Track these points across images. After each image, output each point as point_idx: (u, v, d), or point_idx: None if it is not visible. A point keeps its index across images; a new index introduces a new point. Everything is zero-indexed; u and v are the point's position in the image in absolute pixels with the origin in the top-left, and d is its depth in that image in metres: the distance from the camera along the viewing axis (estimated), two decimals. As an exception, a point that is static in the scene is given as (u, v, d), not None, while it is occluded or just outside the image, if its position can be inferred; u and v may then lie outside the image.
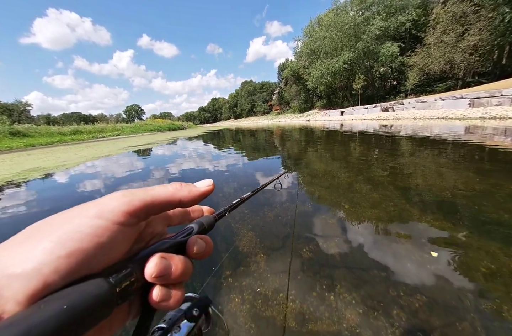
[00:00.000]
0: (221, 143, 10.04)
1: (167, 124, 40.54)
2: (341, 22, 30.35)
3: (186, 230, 0.23)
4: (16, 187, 4.26)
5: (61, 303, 0.13)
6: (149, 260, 0.18)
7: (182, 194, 0.21)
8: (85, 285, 0.14)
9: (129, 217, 0.17)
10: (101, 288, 0.14)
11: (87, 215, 0.16)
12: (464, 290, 1.10)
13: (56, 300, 0.13)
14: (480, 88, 15.76)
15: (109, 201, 0.18)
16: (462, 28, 22.23)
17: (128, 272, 0.16)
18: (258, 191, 0.48)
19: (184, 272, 0.19)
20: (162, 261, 0.18)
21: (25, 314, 0.12)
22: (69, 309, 0.12)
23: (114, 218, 0.17)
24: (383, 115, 20.34)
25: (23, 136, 21.09)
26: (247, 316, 1.07)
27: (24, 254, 0.14)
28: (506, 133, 5.87)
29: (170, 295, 0.18)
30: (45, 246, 0.14)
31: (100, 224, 0.16)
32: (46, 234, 0.15)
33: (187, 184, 0.22)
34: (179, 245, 0.21)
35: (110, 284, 0.15)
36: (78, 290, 0.14)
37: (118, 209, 0.17)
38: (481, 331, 0.90)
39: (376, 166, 3.54)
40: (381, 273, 1.26)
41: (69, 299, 0.13)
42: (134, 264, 0.17)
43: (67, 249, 0.14)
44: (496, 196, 2.08)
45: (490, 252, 1.35)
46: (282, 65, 61.69)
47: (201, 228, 0.24)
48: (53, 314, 0.12)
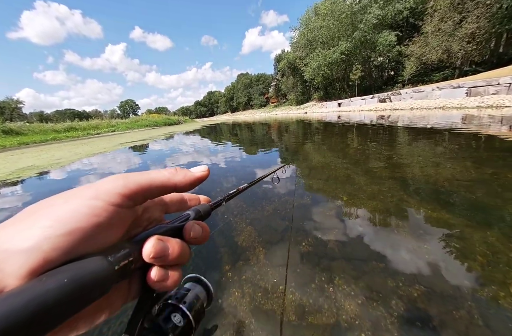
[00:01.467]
0: (219, 138, 9.95)
1: (162, 119, 39.96)
2: (338, 10, 29.58)
3: (183, 216, 0.24)
4: (10, 186, 4.20)
5: (62, 277, 0.13)
6: (147, 241, 0.18)
7: (177, 178, 0.21)
8: (85, 262, 0.14)
9: (125, 199, 0.18)
10: (100, 265, 0.15)
11: (84, 196, 0.17)
12: (462, 279, 1.11)
13: (57, 274, 0.13)
14: (477, 77, 15.64)
15: (105, 184, 0.18)
16: (460, 16, 21.80)
17: (126, 252, 0.17)
18: (255, 182, 0.47)
19: (181, 254, 0.20)
20: (159, 243, 0.19)
21: (28, 286, 0.12)
22: (70, 283, 0.13)
23: (110, 199, 0.17)
24: (381, 106, 20.20)
25: (16, 134, 20.72)
26: (246, 309, 1.08)
27: (24, 232, 0.14)
28: (502, 122, 5.86)
29: (167, 276, 0.19)
30: (45, 224, 0.14)
31: (97, 204, 0.16)
32: (45, 213, 0.15)
33: (182, 168, 0.23)
34: (176, 230, 0.22)
35: (109, 262, 0.15)
36: (78, 266, 0.14)
37: (114, 191, 0.17)
38: (478, 319, 0.91)
39: (373, 157, 3.53)
40: (379, 264, 1.26)
41: (70, 273, 0.13)
42: (132, 245, 0.18)
43: (66, 227, 0.15)
44: (494, 184, 2.09)
45: (487, 241, 1.36)
46: (278, 57, 60.53)
47: (198, 215, 0.25)
48: (54, 286, 0.12)
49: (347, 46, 29.97)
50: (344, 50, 30.39)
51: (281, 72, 53.64)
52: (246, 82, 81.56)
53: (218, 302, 1.14)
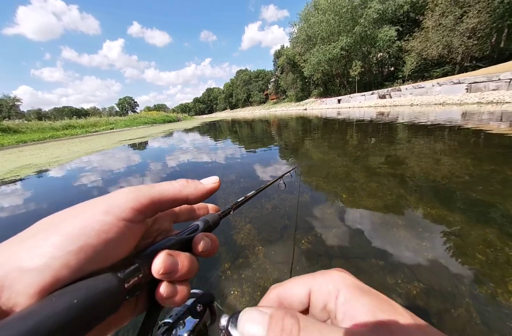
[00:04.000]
0: (218, 135, 9.92)
1: (161, 117, 39.83)
2: (339, 4, 29.23)
3: (192, 227, 0.24)
4: (8, 184, 4.19)
5: (71, 297, 0.13)
6: (156, 256, 0.18)
7: (188, 191, 0.21)
8: (95, 279, 0.14)
9: (137, 213, 0.18)
10: (110, 283, 0.14)
11: (95, 211, 0.17)
12: (460, 276, 1.12)
13: (67, 294, 0.13)
14: (477, 72, 15.53)
15: (116, 197, 0.18)
16: (461, 11, 21.56)
17: (136, 268, 0.17)
18: (262, 189, 0.47)
19: (190, 269, 0.19)
20: (169, 258, 0.18)
21: (37, 307, 0.12)
22: (80, 303, 0.13)
23: (121, 214, 0.17)
24: (380, 102, 20.12)
25: (14, 132, 20.64)
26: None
27: (34, 249, 0.14)
28: (502, 118, 5.84)
29: (176, 292, 0.19)
30: (54, 241, 0.14)
31: (108, 220, 0.16)
32: (55, 229, 0.15)
33: (193, 180, 0.23)
34: (185, 242, 0.22)
35: (119, 279, 0.15)
36: (88, 285, 0.14)
37: (125, 205, 0.17)
38: (476, 317, 0.92)
39: (373, 154, 3.53)
40: (378, 261, 1.27)
41: (79, 293, 0.13)
42: (142, 260, 0.18)
43: (76, 244, 0.15)
44: (493, 181, 2.09)
45: (486, 238, 1.36)
46: (277, 53, 59.98)
47: (206, 225, 0.25)
48: (64, 307, 0.12)
49: (347, 41, 29.68)
50: (344, 46, 30.11)
51: (281, 68, 53.19)
52: (245, 79, 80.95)
53: (217, 302, 1.14)
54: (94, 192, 3.15)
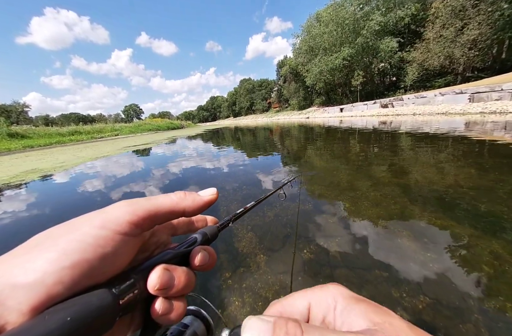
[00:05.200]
0: (221, 142, 10.00)
1: (165, 124, 40.37)
2: (342, 17, 30.09)
3: (190, 240, 0.23)
4: (13, 189, 4.23)
5: (65, 315, 0.12)
6: (152, 271, 0.18)
7: (186, 203, 0.21)
8: (89, 296, 0.14)
9: (133, 227, 0.17)
10: (104, 300, 0.14)
11: (91, 225, 0.16)
12: (468, 290, 1.08)
13: (60, 311, 0.13)
14: (479, 83, 15.66)
15: (113, 211, 0.18)
16: (462, 23, 22.02)
17: (131, 283, 0.16)
18: (261, 200, 0.46)
19: (187, 285, 0.19)
20: (165, 273, 0.18)
21: (30, 325, 0.12)
22: (73, 321, 0.12)
23: (117, 228, 0.17)
24: (383, 112, 20.24)
25: (21, 137, 21.01)
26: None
27: (28, 264, 0.14)
28: (506, 128, 5.83)
29: (172, 308, 0.18)
30: (49, 256, 0.14)
31: (104, 234, 0.16)
32: (50, 244, 0.15)
33: (191, 193, 0.22)
34: (182, 256, 0.21)
35: (114, 295, 0.15)
36: (82, 302, 0.14)
37: (122, 219, 0.17)
38: (485, 332, 0.88)
39: (376, 163, 3.52)
40: (383, 273, 1.24)
41: (73, 310, 0.13)
42: (138, 275, 0.17)
43: (71, 259, 0.14)
44: (499, 192, 2.06)
45: (493, 250, 1.33)
46: (280, 63, 61.31)
47: (205, 238, 0.24)
48: (57, 326, 0.12)
49: (349, 52, 30.31)
50: (346, 56, 30.71)
51: (283, 77, 54.25)
52: (248, 88, 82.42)
53: (218, 312, 1.12)
54: (97, 197, 3.16)
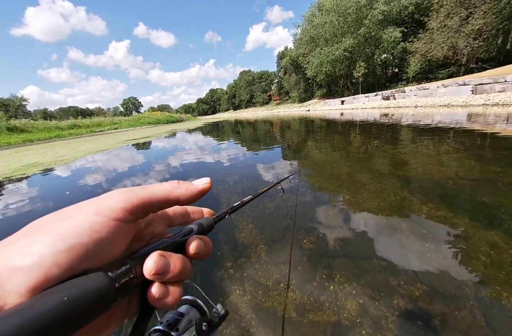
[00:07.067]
0: (221, 136, 9.94)
1: (165, 117, 40.02)
2: (343, 5, 29.16)
3: (186, 231, 0.24)
4: (15, 182, 4.25)
5: (62, 295, 0.13)
6: (148, 257, 0.18)
7: (179, 192, 0.21)
8: (86, 278, 0.14)
9: (127, 213, 0.18)
10: (101, 282, 0.14)
11: (86, 211, 0.17)
12: (464, 278, 1.10)
13: (57, 292, 0.13)
14: (483, 74, 15.36)
15: (107, 198, 0.18)
16: (467, 12, 21.36)
17: (127, 268, 0.17)
18: (259, 194, 0.47)
19: (182, 271, 0.19)
20: (161, 259, 0.18)
21: (28, 304, 0.12)
22: (70, 301, 0.13)
23: (112, 215, 0.17)
24: (384, 104, 19.99)
25: (21, 131, 20.92)
26: (248, 307, 1.08)
27: (25, 248, 0.14)
28: (508, 120, 5.77)
29: (168, 293, 0.18)
30: (46, 240, 0.15)
31: (99, 220, 0.16)
32: (46, 229, 0.15)
33: (184, 182, 0.23)
34: (178, 244, 0.22)
35: (110, 278, 0.15)
36: (78, 283, 0.14)
37: (116, 206, 0.17)
38: (481, 319, 0.91)
39: (377, 155, 3.51)
40: (381, 262, 1.26)
41: (70, 291, 0.13)
42: (134, 261, 0.18)
43: (67, 243, 0.15)
44: (498, 183, 2.06)
45: (491, 240, 1.35)
46: (281, 54, 60.04)
47: (201, 229, 0.24)
48: (54, 305, 0.12)
49: (351, 43, 29.58)
50: (348, 47, 30.00)
51: (284, 69, 53.20)
52: (248, 80, 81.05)
53: (219, 300, 1.14)
54: (97, 189, 3.18)
